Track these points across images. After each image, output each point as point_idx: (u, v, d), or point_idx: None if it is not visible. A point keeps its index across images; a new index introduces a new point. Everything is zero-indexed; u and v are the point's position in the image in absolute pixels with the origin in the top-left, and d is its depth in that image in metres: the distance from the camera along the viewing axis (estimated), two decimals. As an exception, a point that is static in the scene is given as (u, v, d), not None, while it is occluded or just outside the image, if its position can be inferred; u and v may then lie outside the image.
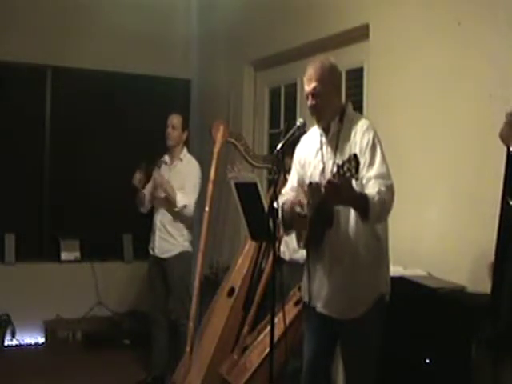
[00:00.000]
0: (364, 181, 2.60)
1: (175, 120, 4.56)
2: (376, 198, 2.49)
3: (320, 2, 4.48)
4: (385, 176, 2.60)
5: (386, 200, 2.52)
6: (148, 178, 4.65)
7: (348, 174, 2.30)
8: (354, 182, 2.39)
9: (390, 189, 2.57)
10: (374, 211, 2.48)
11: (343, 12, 4.22)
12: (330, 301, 2.75)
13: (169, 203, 4.46)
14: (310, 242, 2.77)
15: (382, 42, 3.90)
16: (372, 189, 2.54)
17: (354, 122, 2.74)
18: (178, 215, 4.48)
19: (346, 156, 2.60)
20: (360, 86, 4.21)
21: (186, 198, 4.43)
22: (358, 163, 2.30)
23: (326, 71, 2.75)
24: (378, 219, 2.57)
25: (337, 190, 2.37)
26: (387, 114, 3.79)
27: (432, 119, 3.51)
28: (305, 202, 2.68)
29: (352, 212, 2.62)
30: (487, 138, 2.98)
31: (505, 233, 2.39)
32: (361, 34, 4.06)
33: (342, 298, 2.73)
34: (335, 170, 2.36)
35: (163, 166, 4.65)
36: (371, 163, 2.61)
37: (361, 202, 2.48)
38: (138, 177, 4.56)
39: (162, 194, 4.49)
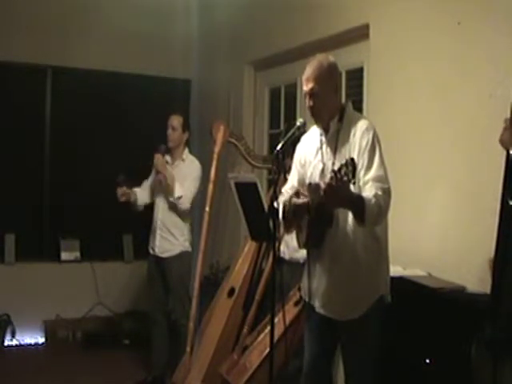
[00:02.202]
0: (361, 183, 2.60)
1: (175, 121, 4.56)
2: (372, 202, 2.49)
3: (320, 2, 4.48)
4: (382, 179, 2.59)
5: (382, 204, 2.52)
6: (130, 187, 4.63)
7: (345, 179, 2.31)
8: (351, 185, 2.40)
9: (386, 192, 2.56)
10: (369, 215, 2.48)
11: (343, 12, 4.22)
12: (329, 301, 2.76)
13: (166, 190, 4.45)
14: (310, 242, 2.77)
15: (382, 42, 3.89)
16: (369, 192, 2.54)
17: (353, 122, 2.74)
18: (174, 208, 4.47)
19: (346, 156, 2.61)
20: (360, 86, 4.21)
21: (182, 190, 4.42)
22: (354, 168, 2.31)
23: (324, 72, 2.73)
24: (374, 223, 2.57)
25: (335, 194, 2.37)
26: (387, 114, 3.79)
27: (432, 119, 3.50)
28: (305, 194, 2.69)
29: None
30: (487, 138, 2.98)
31: (505, 233, 2.39)
32: (361, 33, 4.05)
33: (341, 298, 2.73)
34: (332, 174, 2.36)
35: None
36: (369, 165, 2.61)
37: (357, 205, 2.48)
38: (119, 193, 4.55)
39: (163, 179, 4.48)
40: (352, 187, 2.43)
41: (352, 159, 2.33)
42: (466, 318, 2.77)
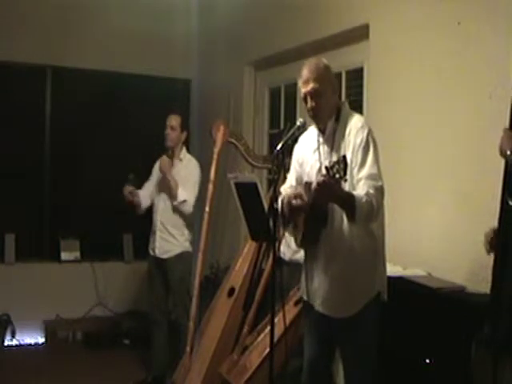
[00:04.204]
0: (355, 181, 2.62)
1: (174, 121, 4.56)
2: (363, 200, 2.50)
3: (320, 2, 4.48)
4: (375, 177, 2.61)
5: (373, 202, 2.53)
6: (138, 187, 4.64)
7: (337, 176, 2.33)
8: (342, 183, 2.41)
9: (379, 190, 2.58)
10: (360, 212, 2.49)
11: (343, 12, 4.22)
12: (326, 299, 2.77)
13: (170, 193, 4.46)
14: (306, 241, 2.78)
15: (382, 42, 3.90)
16: (361, 190, 2.56)
17: (349, 120, 2.76)
18: (176, 211, 4.48)
19: (341, 154, 2.62)
20: (360, 86, 4.21)
21: (185, 194, 4.43)
22: (346, 165, 2.33)
23: (323, 71, 2.76)
24: (366, 220, 2.58)
25: (327, 190, 2.39)
26: (387, 113, 3.79)
27: (432, 119, 3.50)
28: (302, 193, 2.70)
29: None
30: (487, 138, 2.98)
31: (505, 233, 2.39)
32: (361, 33, 4.05)
33: (338, 296, 2.74)
34: (324, 171, 2.38)
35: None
36: (362, 163, 2.63)
37: (348, 203, 2.49)
38: (128, 190, 4.55)
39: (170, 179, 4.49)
40: (344, 184, 2.46)
41: (344, 157, 2.36)
42: (465, 317, 2.77)
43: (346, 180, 2.40)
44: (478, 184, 3.14)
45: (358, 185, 2.60)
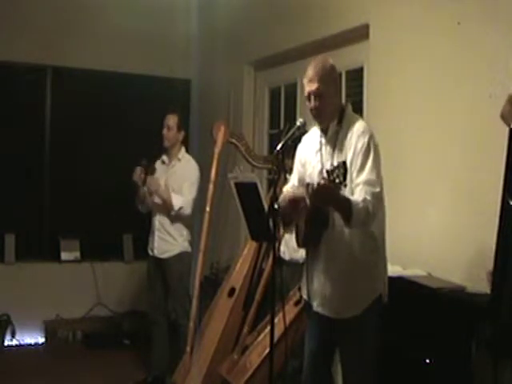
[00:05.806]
0: (353, 185, 2.63)
1: (171, 120, 4.55)
2: (360, 206, 2.52)
3: (320, 2, 4.48)
4: (373, 183, 2.62)
5: (370, 209, 2.55)
6: (147, 175, 4.59)
7: (337, 181, 2.36)
8: (342, 188, 2.45)
9: (375, 197, 2.60)
10: (356, 217, 2.52)
11: (343, 12, 4.22)
12: (326, 300, 2.77)
13: (165, 207, 4.45)
14: (308, 241, 2.79)
15: (382, 42, 3.90)
16: (358, 195, 2.58)
17: (351, 124, 2.76)
18: (175, 216, 4.47)
19: (343, 158, 2.64)
20: (360, 86, 4.21)
21: (181, 199, 4.41)
22: (345, 170, 2.37)
23: (328, 72, 2.76)
24: (361, 225, 2.60)
25: (324, 193, 2.41)
26: (387, 113, 3.79)
27: (432, 119, 3.50)
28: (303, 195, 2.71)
29: None
30: (487, 138, 2.98)
31: (505, 233, 2.39)
32: (361, 33, 4.05)
33: (338, 297, 2.75)
34: (325, 175, 2.41)
35: (161, 166, 4.64)
36: (361, 168, 2.64)
37: (345, 207, 2.51)
38: (138, 172, 4.50)
39: (158, 200, 4.48)
40: (343, 189, 2.49)
41: (344, 162, 2.40)
42: (465, 318, 2.77)
43: (345, 185, 2.44)
44: (478, 184, 3.14)
45: (356, 190, 2.62)
